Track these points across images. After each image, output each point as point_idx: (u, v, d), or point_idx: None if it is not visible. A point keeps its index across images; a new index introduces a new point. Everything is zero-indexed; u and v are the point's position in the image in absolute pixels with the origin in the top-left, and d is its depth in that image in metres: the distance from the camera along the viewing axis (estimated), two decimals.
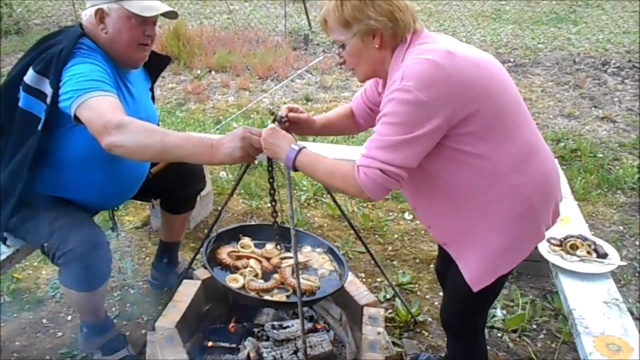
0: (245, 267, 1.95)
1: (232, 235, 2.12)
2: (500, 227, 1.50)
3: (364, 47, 1.49)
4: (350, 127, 1.92)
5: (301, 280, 1.87)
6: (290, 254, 1.99)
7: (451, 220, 1.56)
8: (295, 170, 1.56)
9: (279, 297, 1.85)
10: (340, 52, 1.54)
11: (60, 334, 2.35)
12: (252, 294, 1.83)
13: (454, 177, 1.48)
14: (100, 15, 1.87)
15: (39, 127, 1.82)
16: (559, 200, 1.65)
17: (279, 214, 1.94)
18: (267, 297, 1.84)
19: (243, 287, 1.86)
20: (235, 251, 2.04)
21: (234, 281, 1.88)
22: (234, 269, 1.95)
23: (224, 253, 2.01)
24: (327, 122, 1.90)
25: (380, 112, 1.42)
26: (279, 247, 2.08)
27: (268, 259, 2.03)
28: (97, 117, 1.66)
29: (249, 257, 2.00)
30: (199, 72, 6.06)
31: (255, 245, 2.10)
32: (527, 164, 1.49)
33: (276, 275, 1.94)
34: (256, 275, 1.92)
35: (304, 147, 1.56)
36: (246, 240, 2.10)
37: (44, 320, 2.42)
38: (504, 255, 1.53)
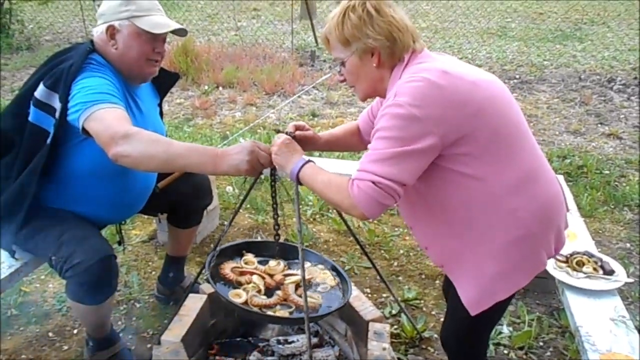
0: (249, 283, 1.94)
1: (235, 251, 2.11)
2: (496, 252, 1.47)
3: (362, 65, 1.52)
4: (356, 144, 1.93)
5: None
6: (293, 271, 2.00)
7: (447, 242, 1.54)
8: (299, 183, 1.56)
9: (282, 313, 1.83)
10: (340, 69, 1.58)
11: (66, 347, 2.35)
12: (255, 309, 1.83)
13: (449, 198, 1.47)
14: (112, 31, 1.91)
15: (48, 141, 1.84)
16: (564, 227, 1.61)
17: (282, 229, 1.94)
18: (270, 312, 1.83)
19: (246, 302, 1.85)
20: (238, 267, 2.03)
21: (237, 296, 1.86)
22: (237, 285, 1.93)
23: (227, 268, 2.00)
24: (332, 138, 1.92)
25: (374, 127, 1.43)
26: (282, 263, 2.07)
27: (271, 276, 2.01)
28: (105, 128, 1.68)
29: (252, 273, 1.99)
30: (206, 87, 6.13)
31: (259, 262, 2.08)
32: (525, 188, 1.46)
33: (279, 292, 1.92)
34: (259, 291, 1.91)
35: (310, 161, 1.57)
36: (249, 257, 2.09)
37: (51, 334, 2.43)
38: (501, 280, 1.49)
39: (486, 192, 1.43)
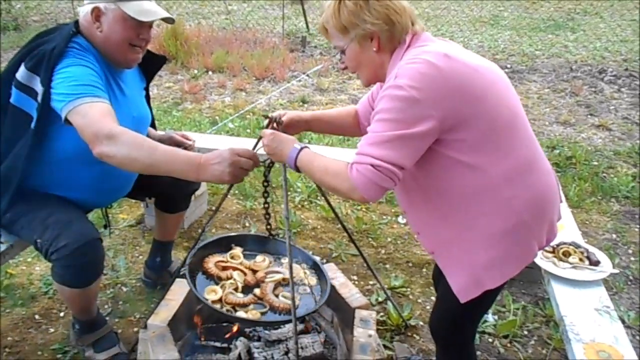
0: (229, 279, 1.92)
1: (224, 244, 2.10)
2: (488, 241, 1.47)
3: (362, 51, 1.50)
4: (351, 127, 1.90)
5: (280, 298, 1.86)
6: (277, 268, 1.99)
7: (439, 230, 1.54)
8: (298, 170, 1.55)
9: (254, 313, 1.81)
10: (341, 57, 1.55)
11: (52, 330, 2.34)
12: (227, 307, 1.81)
13: (445, 185, 1.46)
14: (97, 13, 1.87)
15: (32, 125, 1.82)
16: (556, 219, 1.61)
17: (272, 217, 1.93)
18: (241, 312, 1.80)
19: (220, 299, 1.83)
20: (223, 261, 2.01)
21: (213, 293, 1.85)
22: (218, 280, 1.92)
23: (211, 262, 1.98)
24: (324, 117, 1.91)
25: (374, 109, 1.41)
26: (267, 259, 2.05)
27: (255, 272, 1.99)
28: (88, 124, 1.67)
29: (234, 269, 1.97)
30: (196, 72, 6.07)
31: (246, 256, 2.07)
32: (520, 178, 1.46)
33: (257, 290, 1.90)
34: (236, 289, 1.89)
35: (305, 146, 1.56)
36: (237, 251, 2.07)
37: (37, 316, 2.41)
38: (491, 269, 1.49)
39: (482, 180, 1.43)
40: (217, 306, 1.81)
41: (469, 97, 1.37)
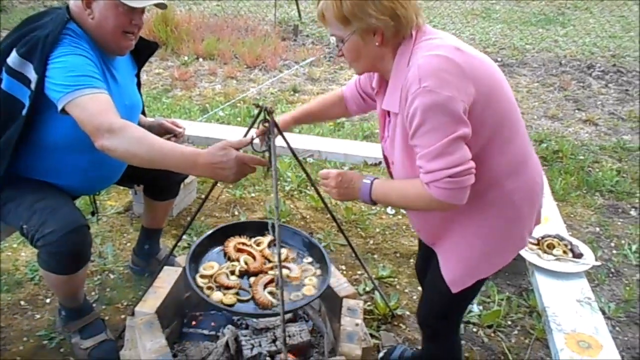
0: (236, 261, 1.97)
1: (258, 229, 2.12)
2: (486, 232, 1.49)
3: (364, 44, 1.44)
4: (340, 113, 1.92)
5: (266, 294, 1.83)
6: (289, 265, 1.98)
7: (439, 220, 1.55)
8: (373, 203, 1.55)
9: (230, 297, 1.79)
10: (339, 45, 1.49)
11: (38, 316, 2.34)
12: (210, 284, 1.84)
13: None
14: (88, 0, 1.84)
15: (24, 113, 1.80)
16: (541, 207, 1.65)
17: (258, 205, 1.93)
18: (219, 293, 1.80)
19: (212, 276, 1.88)
20: (244, 243, 2.04)
21: (210, 268, 1.92)
22: (228, 260, 1.98)
23: (233, 242, 2.03)
24: (305, 116, 1.94)
25: (409, 122, 1.36)
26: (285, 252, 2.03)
27: (269, 260, 2.00)
28: (89, 117, 1.67)
29: (249, 253, 2.00)
30: (186, 58, 6.02)
31: (273, 246, 2.06)
32: (521, 171, 1.48)
33: (252, 279, 1.91)
34: (232, 272, 1.91)
35: (375, 179, 1.54)
36: (264, 238, 2.09)
37: (22, 302, 2.41)
38: (486, 259, 1.52)
39: (486, 173, 1.42)
40: (203, 281, 1.84)
41: (482, 89, 1.36)
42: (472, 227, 1.50)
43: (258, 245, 2.06)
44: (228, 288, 1.84)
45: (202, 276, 1.87)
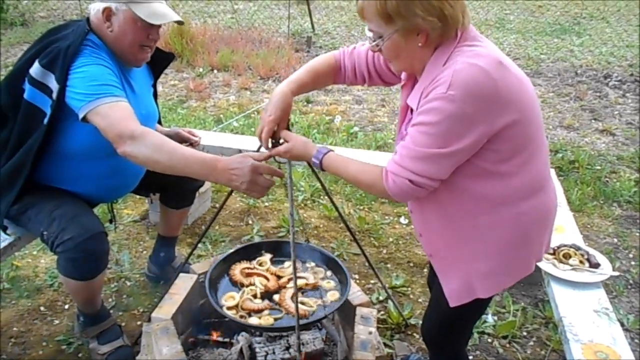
0: (251, 285, 2.00)
1: (253, 251, 2.18)
2: (491, 252, 1.46)
3: (405, 44, 1.35)
4: (328, 83, 1.79)
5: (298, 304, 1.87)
6: (304, 274, 2.02)
7: (444, 233, 1.51)
8: (322, 169, 1.56)
9: (266, 319, 1.86)
10: (377, 41, 1.38)
11: (57, 321, 2.37)
12: (242, 313, 1.88)
13: (461, 191, 1.42)
14: (108, 13, 1.89)
15: (45, 121, 1.84)
16: (551, 235, 1.61)
17: (272, 214, 1.95)
18: (254, 318, 1.86)
19: (237, 305, 1.91)
20: (249, 267, 2.08)
21: (231, 299, 1.94)
22: (240, 286, 2.00)
23: (237, 269, 2.06)
24: (306, 80, 1.71)
25: (418, 116, 1.34)
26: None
27: (280, 277, 2.05)
28: (110, 125, 1.72)
29: (259, 275, 2.03)
30: (201, 70, 6.09)
31: (275, 262, 2.13)
32: (535, 195, 1.44)
33: (276, 296, 1.97)
34: (255, 295, 1.95)
35: (330, 151, 1.56)
36: (265, 258, 2.14)
37: (42, 308, 2.45)
38: (486, 280, 1.48)
39: (500, 191, 1.39)
40: (231, 312, 1.87)
41: (514, 110, 1.31)
42: (477, 245, 1.46)
43: (261, 265, 2.11)
44: (258, 311, 1.88)
45: (228, 308, 1.89)
